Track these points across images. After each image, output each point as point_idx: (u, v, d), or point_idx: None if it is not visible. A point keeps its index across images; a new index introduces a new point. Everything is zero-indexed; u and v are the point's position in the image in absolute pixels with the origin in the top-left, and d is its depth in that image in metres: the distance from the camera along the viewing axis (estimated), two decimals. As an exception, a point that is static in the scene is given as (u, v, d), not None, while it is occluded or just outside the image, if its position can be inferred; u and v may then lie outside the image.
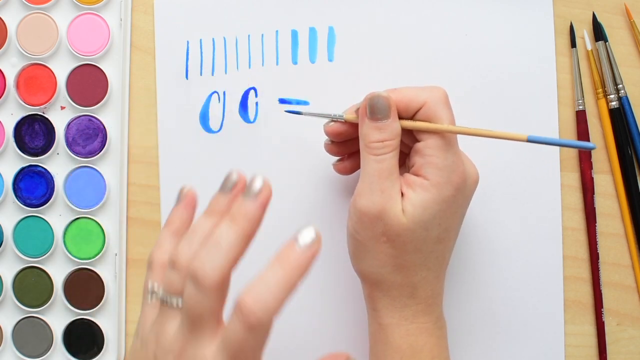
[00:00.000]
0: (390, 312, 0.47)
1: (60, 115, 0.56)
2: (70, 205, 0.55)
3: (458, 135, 0.47)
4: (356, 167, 0.52)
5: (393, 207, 0.45)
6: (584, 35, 0.56)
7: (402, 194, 0.46)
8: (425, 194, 0.45)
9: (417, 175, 0.46)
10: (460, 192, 0.46)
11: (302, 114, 0.52)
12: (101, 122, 0.56)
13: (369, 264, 0.47)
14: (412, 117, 0.47)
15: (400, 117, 0.47)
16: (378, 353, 0.48)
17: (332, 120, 0.50)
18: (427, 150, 0.46)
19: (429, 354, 0.47)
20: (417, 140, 0.47)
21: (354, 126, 0.49)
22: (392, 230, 0.45)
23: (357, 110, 0.48)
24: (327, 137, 0.51)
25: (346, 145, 0.51)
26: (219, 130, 0.56)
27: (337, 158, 0.53)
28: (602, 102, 0.56)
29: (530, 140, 0.43)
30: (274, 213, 0.56)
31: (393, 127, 0.46)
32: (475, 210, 0.55)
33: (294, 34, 0.56)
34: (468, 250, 0.55)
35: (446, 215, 0.46)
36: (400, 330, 0.47)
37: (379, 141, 0.46)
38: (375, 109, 0.46)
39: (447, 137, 0.46)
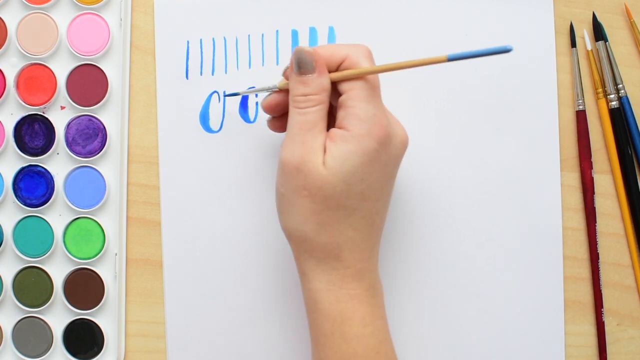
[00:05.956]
0: (317, 276, 0.47)
1: (60, 115, 0.56)
2: (70, 205, 0.55)
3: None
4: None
5: (313, 159, 0.45)
6: (584, 35, 0.56)
7: (326, 149, 0.46)
8: (345, 145, 0.45)
9: (340, 128, 0.46)
10: (384, 148, 0.45)
11: (239, 94, 0.54)
12: (101, 122, 0.56)
13: (292, 219, 0.47)
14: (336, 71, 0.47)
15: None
16: (311, 322, 0.48)
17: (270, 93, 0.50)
18: (349, 101, 0.46)
19: (361, 322, 0.46)
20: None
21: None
22: (313, 183, 0.45)
23: (285, 73, 0.48)
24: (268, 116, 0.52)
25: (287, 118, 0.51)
26: (219, 130, 0.56)
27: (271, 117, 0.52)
28: (602, 102, 0.56)
29: (450, 59, 0.43)
30: (275, 212, 0.56)
31: (318, 81, 0.46)
32: (475, 210, 0.55)
33: (294, 34, 0.56)
34: (468, 250, 0.55)
35: (369, 170, 0.45)
36: (330, 297, 0.46)
37: (302, 95, 0.46)
38: (299, 63, 0.46)
39: (368, 90, 0.46)
